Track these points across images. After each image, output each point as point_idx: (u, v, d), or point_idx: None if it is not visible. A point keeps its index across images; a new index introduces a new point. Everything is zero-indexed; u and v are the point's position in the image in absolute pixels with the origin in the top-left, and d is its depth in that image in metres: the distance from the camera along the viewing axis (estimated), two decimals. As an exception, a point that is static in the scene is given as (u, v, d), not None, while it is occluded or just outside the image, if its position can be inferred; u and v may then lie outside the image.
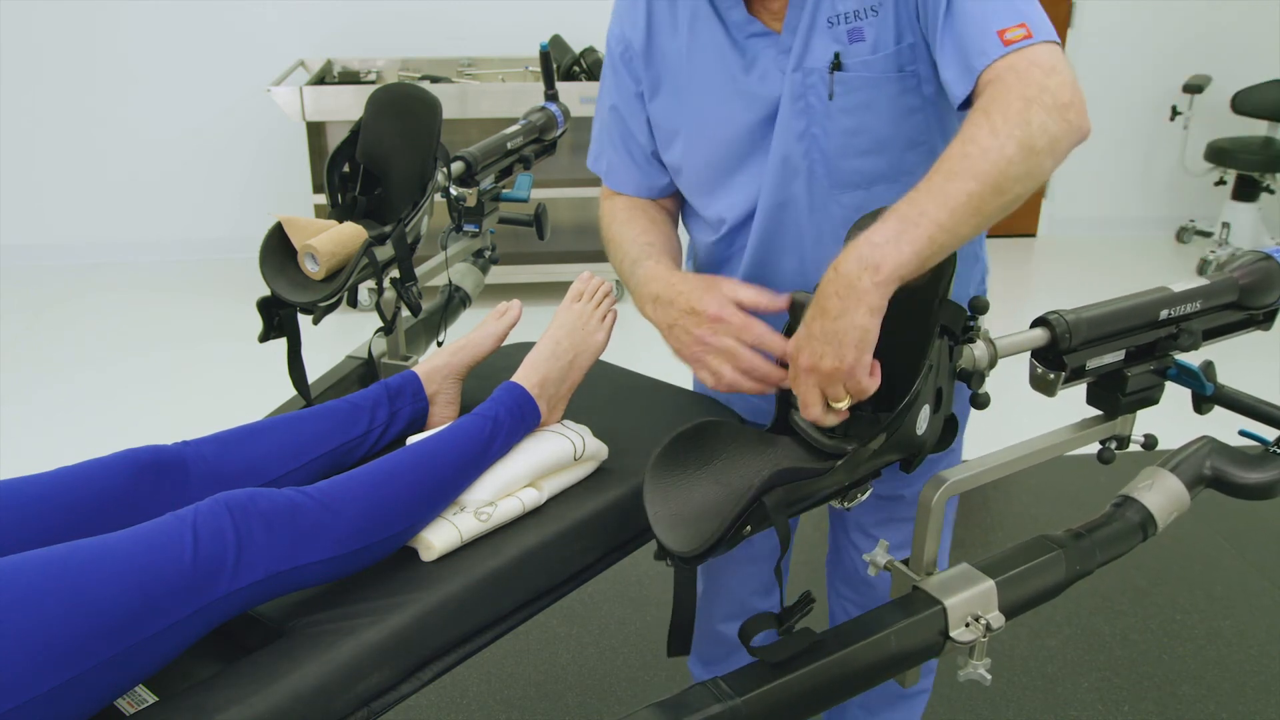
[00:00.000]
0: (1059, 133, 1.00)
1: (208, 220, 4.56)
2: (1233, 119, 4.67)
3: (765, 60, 1.20)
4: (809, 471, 1.00)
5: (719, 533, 0.94)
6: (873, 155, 1.20)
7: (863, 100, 1.17)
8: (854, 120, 1.18)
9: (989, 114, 1.00)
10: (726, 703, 0.93)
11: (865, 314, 0.95)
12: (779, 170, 1.22)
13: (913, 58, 1.15)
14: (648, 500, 1.00)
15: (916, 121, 1.19)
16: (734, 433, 1.07)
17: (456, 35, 4.37)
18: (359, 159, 1.58)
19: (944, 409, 1.05)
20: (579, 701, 2.11)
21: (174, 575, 0.91)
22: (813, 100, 1.18)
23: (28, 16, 4.16)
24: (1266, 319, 1.29)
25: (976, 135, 0.99)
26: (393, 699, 1.01)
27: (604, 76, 1.36)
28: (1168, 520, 1.19)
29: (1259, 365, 2.48)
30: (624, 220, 1.35)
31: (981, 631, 1.05)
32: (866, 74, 1.15)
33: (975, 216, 0.97)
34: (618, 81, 1.33)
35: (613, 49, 1.32)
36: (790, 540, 0.97)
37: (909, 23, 1.13)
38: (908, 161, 1.21)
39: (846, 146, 1.19)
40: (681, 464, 1.03)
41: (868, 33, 1.14)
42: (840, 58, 1.15)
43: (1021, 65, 1.03)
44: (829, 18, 1.15)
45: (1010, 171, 0.98)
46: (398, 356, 1.65)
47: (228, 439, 1.16)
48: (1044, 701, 2.11)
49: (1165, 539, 2.62)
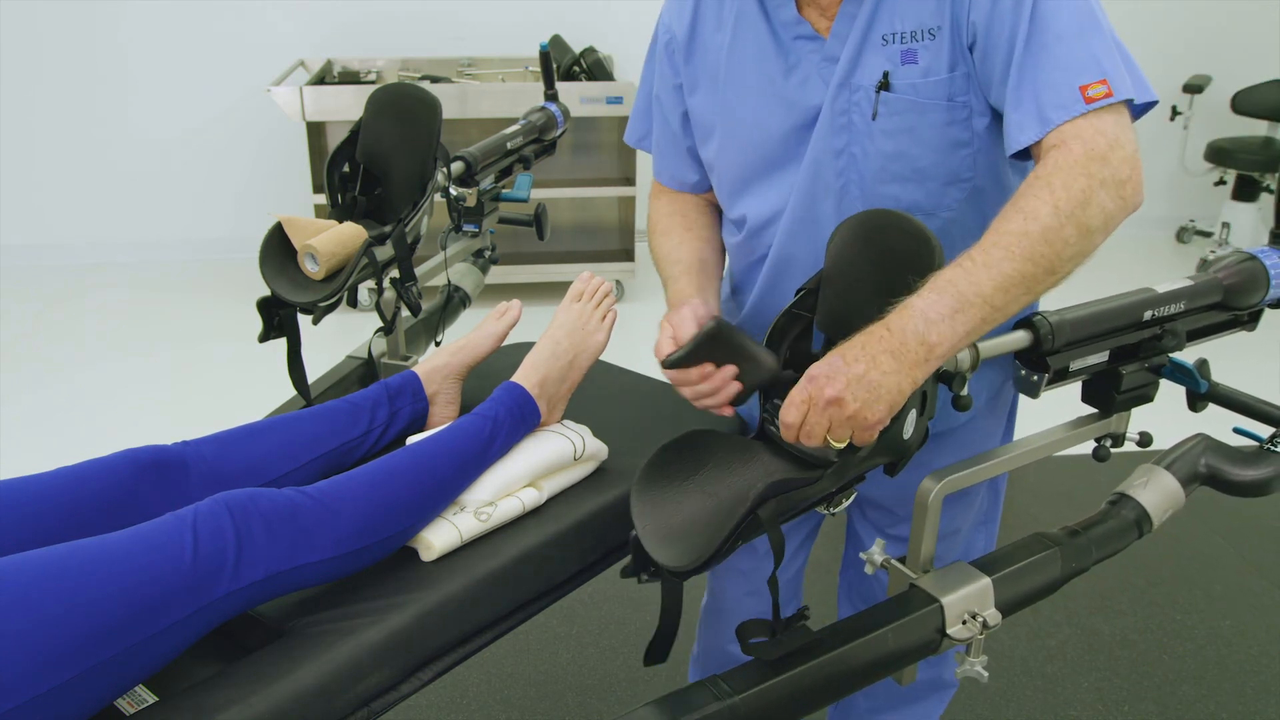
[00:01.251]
0: (1115, 210, 1.02)
1: (208, 220, 4.56)
2: (1233, 119, 4.67)
3: (808, 66, 1.17)
4: (800, 481, 1.00)
5: (714, 548, 0.94)
6: (911, 184, 1.16)
7: (906, 124, 1.13)
8: (895, 144, 1.14)
9: (1053, 189, 1.00)
10: (725, 700, 0.93)
11: (909, 382, 0.96)
12: (810, 184, 1.19)
13: (965, 88, 1.11)
14: (636, 515, 1.00)
15: (962, 157, 1.15)
16: (719, 442, 1.07)
17: (456, 35, 4.37)
18: (359, 159, 1.58)
19: (929, 411, 1.05)
20: (579, 701, 2.11)
21: (174, 575, 0.91)
22: (855, 118, 1.14)
23: (28, 16, 4.16)
24: (1251, 319, 1.30)
25: (1039, 212, 0.99)
26: (393, 699, 1.01)
27: (648, 61, 1.35)
28: (1163, 517, 1.20)
29: (1253, 363, 2.49)
30: (662, 230, 1.36)
31: (978, 629, 1.05)
32: (914, 98, 1.11)
33: (1027, 295, 1.00)
34: (659, 71, 1.33)
35: (659, 37, 1.31)
36: (783, 552, 0.97)
37: (963, 52, 1.10)
38: (949, 198, 1.17)
39: (884, 171, 1.15)
40: (668, 477, 1.03)
41: (921, 56, 1.10)
42: (889, 77, 1.11)
43: (1089, 134, 1.02)
44: (884, 35, 1.11)
45: (1065, 253, 1.00)
46: (398, 356, 1.65)
47: (228, 439, 1.16)
48: (1044, 701, 2.11)
49: (1165, 539, 2.63)
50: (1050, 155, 1.03)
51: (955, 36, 1.09)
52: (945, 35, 1.09)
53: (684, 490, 1.02)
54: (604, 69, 3.98)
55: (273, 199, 4.44)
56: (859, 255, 1.09)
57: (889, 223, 1.07)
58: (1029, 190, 1.01)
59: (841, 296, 1.11)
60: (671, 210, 1.38)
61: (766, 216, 1.26)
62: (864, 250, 1.09)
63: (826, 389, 0.94)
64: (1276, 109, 4.52)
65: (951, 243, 1.16)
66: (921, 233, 1.02)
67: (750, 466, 1.05)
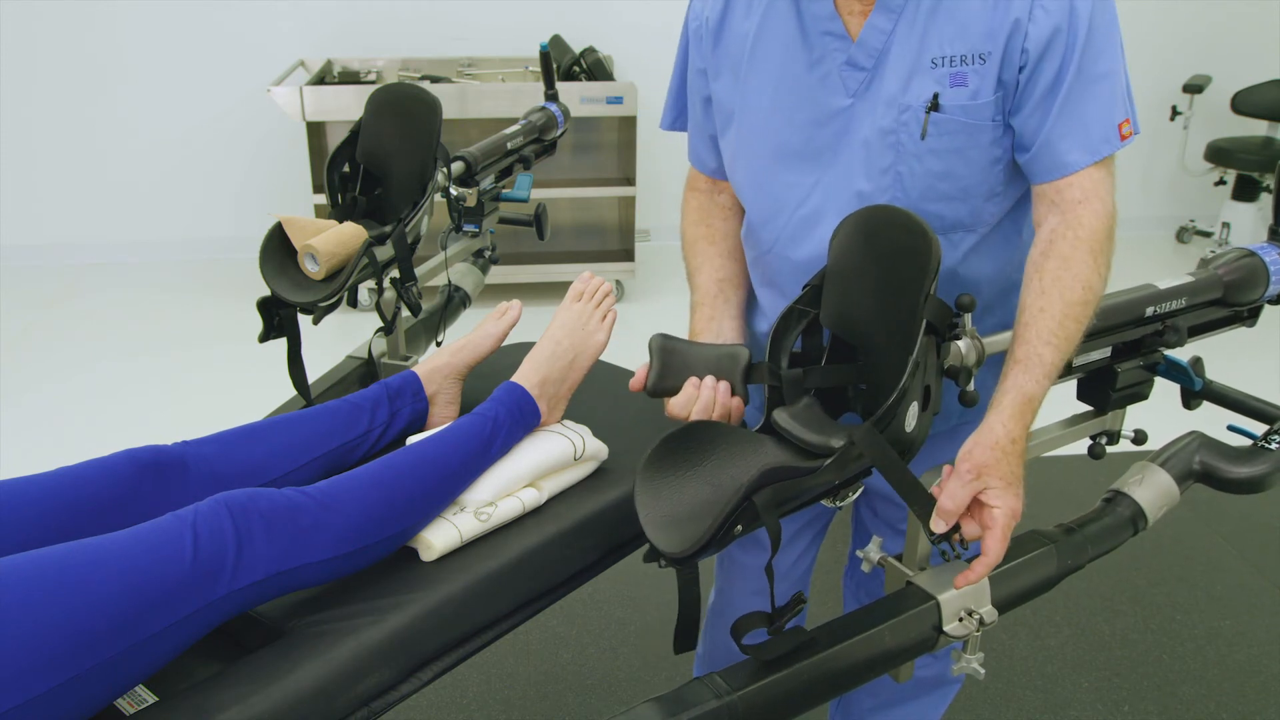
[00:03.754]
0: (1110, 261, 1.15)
1: (207, 220, 4.56)
2: (1233, 119, 4.67)
3: (830, 63, 1.18)
4: (798, 470, 1.00)
5: (710, 533, 0.94)
6: (957, 201, 1.18)
7: (956, 145, 1.15)
8: (943, 164, 1.16)
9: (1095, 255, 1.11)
10: (723, 698, 0.94)
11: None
12: (853, 202, 1.20)
13: (1004, 107, 1.14)
14: (639, 502, 1.00)
15: (998, 172, 1.18)
16: (724, 433, 1.07)
17: (456, 35, 4.37)
18: (359, 159, 1.59)
19: (933, 407, 1.05)
20: (579, 701, 2.11)
21: (174, 575, 0.91)
22: (904, 138, 1.15)
23: (27, 16, 4.17)
24: (1251, 315, 1.30)
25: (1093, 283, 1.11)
26: (393, 699, 1.01)
27: (680, 47, 1.36)
28: (1158, 515, 1.20)
29: (1247, 361, 2.49)
30: (689, 241, 1.39)
31: (975, 625, 1.06)
32: (964, 119, 1.14)
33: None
34: (689, 58, 1.33)
35: (689, 22, 1.32)
36: (779, 540, 0.97)
37: (1011, 73, 1.13)
38: (987, 212, 1.20)
39: (931, 190, 1.17)
40: (672, 465, 1.03)
41: (971, 79, 1.12)
42: (938, 98, 1.13)
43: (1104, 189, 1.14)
44: (933, 58, 1.13)
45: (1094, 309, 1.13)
46: (398, 356, 1.65)
47: (228, 439, 1.16)
48: (1044, 701, 2.11)
49: (1165, 539, 2.63)
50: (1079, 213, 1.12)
51: (1005, 59, 1.12)
52: (996, 59, 1.12)
53: (686, 479, 1.02)
54: (604, 69, 3.98)
55: (273, 199, 4.44)
56: (861, 252, 1.10)
57: (890, 219, 1.08)
58: (1076, 255, 1.11)
59: (844, 293, 1.12)
60: (699, 218, 1.40)
61: (768, 210, 1.26)
62: (865, 247, 1.09)
63: (1012, 501, 1.04)
64: (1276, 109, 4.52)
65: (989, 252, 1.22)
66: (921, 229, 1.03)
67: (752, 457, 1.05)
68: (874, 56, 1.15)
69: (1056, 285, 1.09)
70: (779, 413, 1.11)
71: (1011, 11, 1.10)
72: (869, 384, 1.14)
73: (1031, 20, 1.09)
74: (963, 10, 1.11)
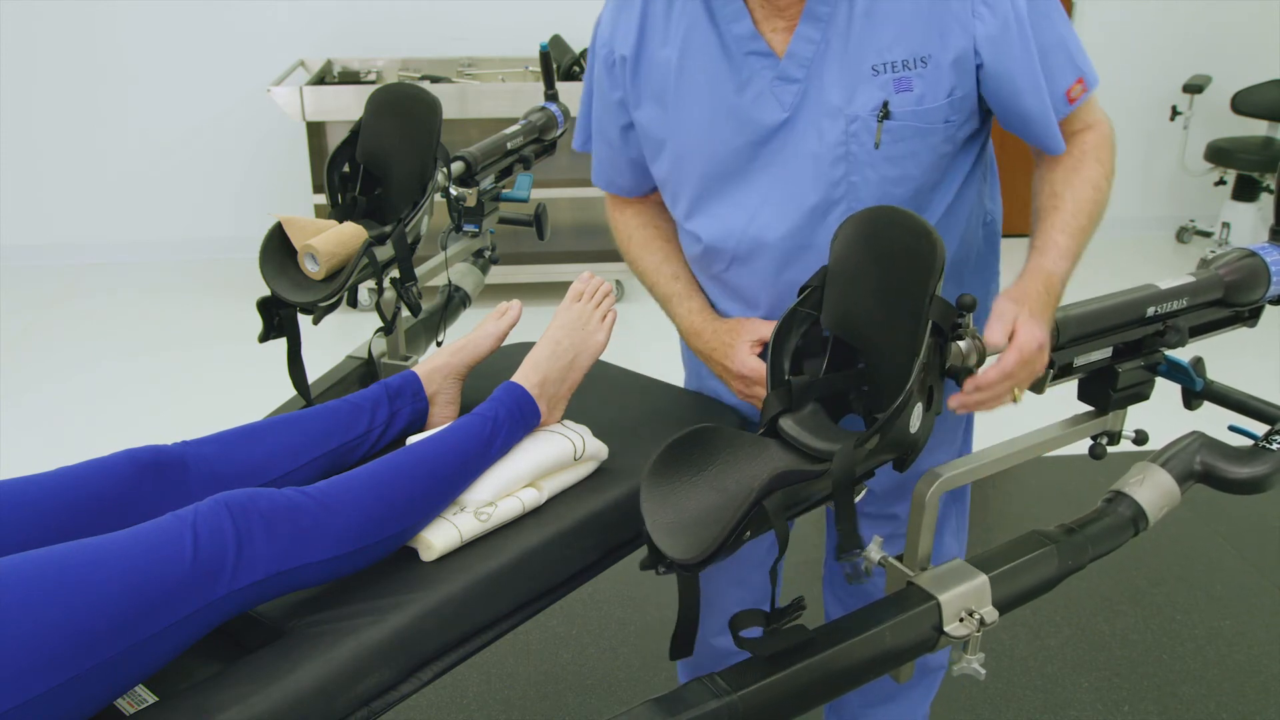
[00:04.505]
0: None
1: (207, 220, 4.56)
2: (1233, 119, 4.67)
3: (760, 83, 1.18)
4: (806, 474, 1.00)
5: (721, 538, 0.94)
6: (909, 202, 1.21)
7: (908, 150, 1.17)
8: (898, 169, 1.18)
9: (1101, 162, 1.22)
10: (723, 698, 0.94)
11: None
12: (807, 216, 1.21)
13: (959, 108, 1.17)
14: (645, 509, 1.00)
15: (943, 165, 1.22)
16: (728, 438, 1.07)
17: (456, 35, 4.37)
18: (359, 159, 1.58)
19: (935, 407, 1.05)
20: (579, 701, 2.11)
21: (174, 575, 0.91)
22: (854, 148, 1.17)
23: (28, 16, 4.17)
24: (1252, 315, 1.30)
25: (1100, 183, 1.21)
26: (393, 699, 1.01)
27: (586, 79, 1.36)
28: (1159, 515, 1.20)
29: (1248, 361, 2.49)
30: (641, 243, 1.39)
31: (975, 626, 1.06)
32: (916, 124, 1.15)
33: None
34: (599, 91, 1.33)
35: (597, 52, 1.31)
36: (788, 543, 0.97)
37: (964, 75, 1.15)
38: (932, 202, 1.23)
39: (886, 195, 1.19)
40: (677, 471, 1.03)
41: (915, 84, 1.14)
42: (888, 106, 1.14)
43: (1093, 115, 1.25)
44: (873, 66, 1.14)
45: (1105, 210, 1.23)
46: (398, 356, 1.65)
47: (228, 439, 1.16)
48: (1044, 701, 2.11)
49: (1165, 539, 2.63)
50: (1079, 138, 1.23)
51: (957, 62, 1.14)
52: (941, 62, 1.13)
53: (693, 484, 1.02)
54: (604, 69, 3.98)
55: (273, 199, 4.44)
56: (862, 253, 1.10)
57: (891, 220, 1.08)
58: (1084, 163, 1.21)
59: (846, 294, 1.12)
60: (643, 221, 1.40)
61: (718, 232, 1.27)
62: (867, 248, 1.09)
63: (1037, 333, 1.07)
64: (1276, 109, 4.52)
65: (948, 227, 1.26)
66: (924, 229, 1.03)
67: (758, 462, 1.05)
68: (805, 67, 1.16)
69: (1067, 186, 1.19)
70: (785, 420, 1.11)
71: (950, 10, 1.11)
72: (871, 386, 1.14)
73: (976, 17, 1.12)
74: (897, 14, 1.12)
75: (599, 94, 1.34)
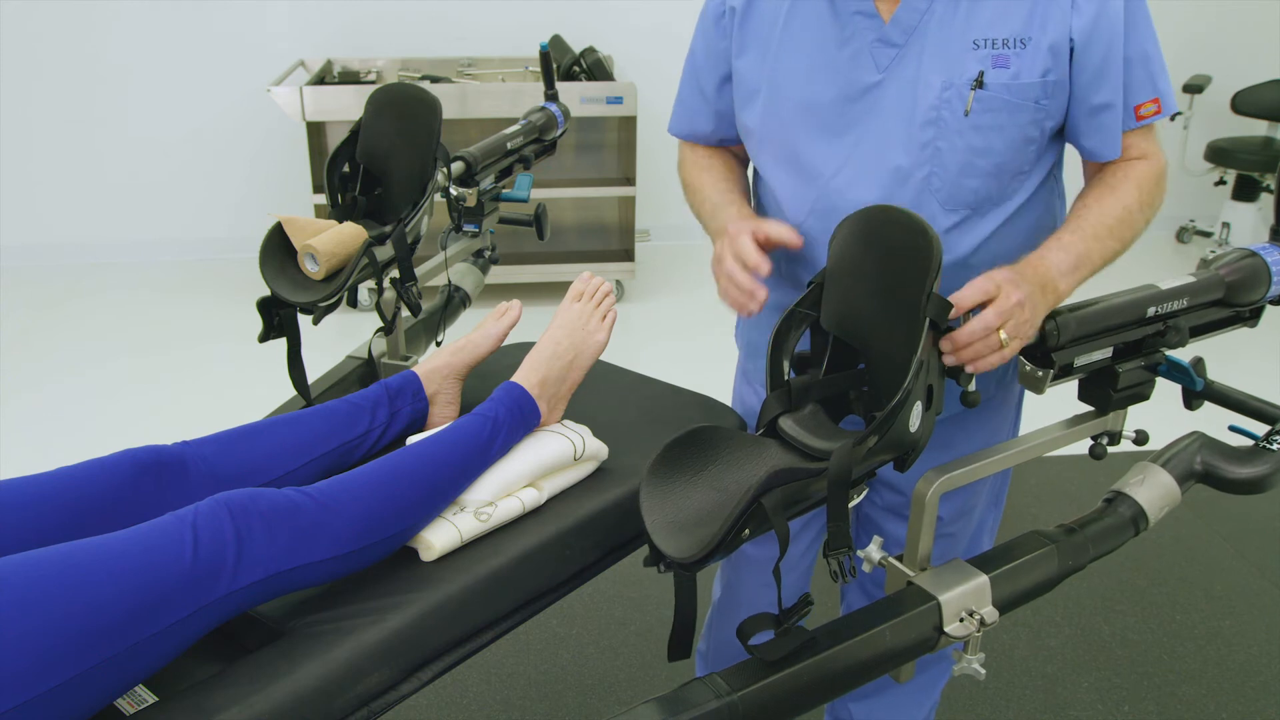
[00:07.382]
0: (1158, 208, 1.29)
1: (207, 220, 4.56)
2: (1233, 119, 4.67)
3: (860, 42, 1.22)
4: (804, 471, 1.00)
5: (719, 537, 0.94)
6: (991, 178, 1.22)
7: (997, 122, 1.19)
8: (983, 140, 1.20)
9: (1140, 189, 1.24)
10: (724, 698, 0.93)
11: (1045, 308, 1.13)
12: (890, 176, 1.23)
13: (1050, 93, 1.19)
14: (644, 508, 1.00)
15: (1029, 153, 1.23)
16: (727, 438, 1.07)
17: (456, 35, 4.37)
18: (359, 159, 1.58)
19: (935, 406, 1.05)
20: (579, 701, 2.11)
21: (174, 575, 0.91)
22: (945, 114, 1.19)
23: (27, 16, 4.17)
24: (1252, 315, 1.30)
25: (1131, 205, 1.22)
26: (393, 699, 1.01)
27: (694, 37, 1.39)
28: (1159, 515, 1.20)
29: (1248, 361, 2.49)
30: (704, 166, 1.44)
31: (975, 626, 1.06)
32: (1007, 97, 1.18)
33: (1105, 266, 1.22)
34: (706, 44, 1.36)
35: (709, 10, 1.35)
36: (788, 542, 0.97)
37: (1058, 60, 1.18)
38: (1010, 189, 1.25)
39: (969, 165, 1.21)
40: (677, 470, 1.03)
41: (1012, 62, 1.18)
42: (983, 76, 1.18)
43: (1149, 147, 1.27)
44: (975, 40, 1.18)
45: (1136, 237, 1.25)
46: (398, 356, 1.65)
47: (228, 439, 1.16)
48: (1044, 701, 2.11)
49: (1165, 539, 2.63)
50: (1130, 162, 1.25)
51: (1054, 48, 1.17)
52: (1040, 45, 1.17)
53: (692, 484, 1.02)
54: (604, 69, 3.98)
55: (273, 199, 4.44)
56: (861, 252, 1.10)
57: (889, 218, 1.08)
58: (1123, 185, 1.23)
59: (845, 293, 1.12)
60: (710, 152, 1.45)
61: (803, 187, 1.29)
62: (865, 247, 1.10)
63: (1014, 293, 1.07)
64: (1276, 109, 4.52)
65: (1017, 229, 1.27)
66: (921, 227, 1.04)
67: (757, 461, 1.05)
68: (908, 34, 1.20)
69: (1098, 201, 1.22)
70: (785, 420, 1.11)
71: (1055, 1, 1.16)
72: (871, 385, 1.14)
73: (1075, 10, 1.16)
74: None
75: (704, 47, 1.37)
